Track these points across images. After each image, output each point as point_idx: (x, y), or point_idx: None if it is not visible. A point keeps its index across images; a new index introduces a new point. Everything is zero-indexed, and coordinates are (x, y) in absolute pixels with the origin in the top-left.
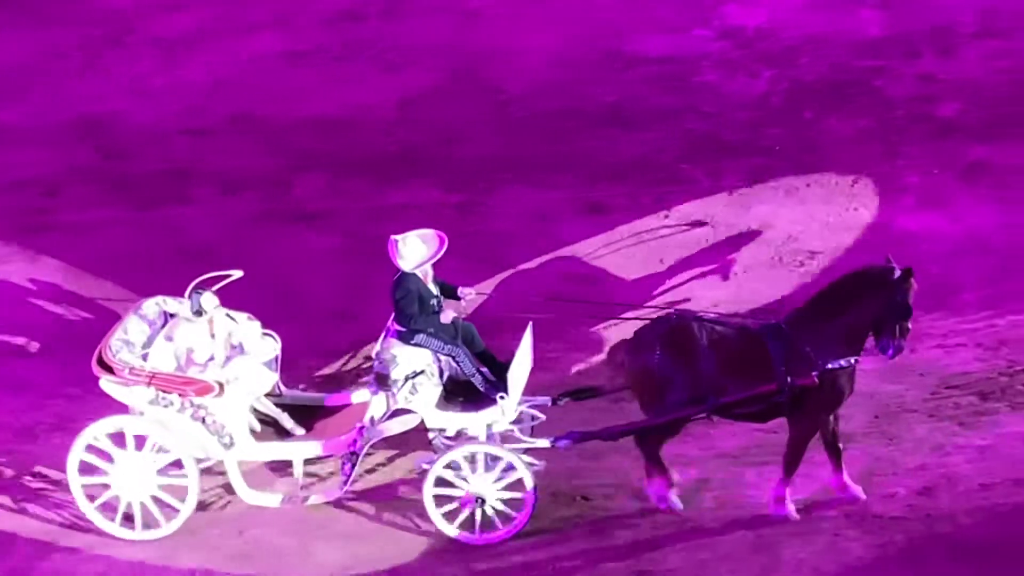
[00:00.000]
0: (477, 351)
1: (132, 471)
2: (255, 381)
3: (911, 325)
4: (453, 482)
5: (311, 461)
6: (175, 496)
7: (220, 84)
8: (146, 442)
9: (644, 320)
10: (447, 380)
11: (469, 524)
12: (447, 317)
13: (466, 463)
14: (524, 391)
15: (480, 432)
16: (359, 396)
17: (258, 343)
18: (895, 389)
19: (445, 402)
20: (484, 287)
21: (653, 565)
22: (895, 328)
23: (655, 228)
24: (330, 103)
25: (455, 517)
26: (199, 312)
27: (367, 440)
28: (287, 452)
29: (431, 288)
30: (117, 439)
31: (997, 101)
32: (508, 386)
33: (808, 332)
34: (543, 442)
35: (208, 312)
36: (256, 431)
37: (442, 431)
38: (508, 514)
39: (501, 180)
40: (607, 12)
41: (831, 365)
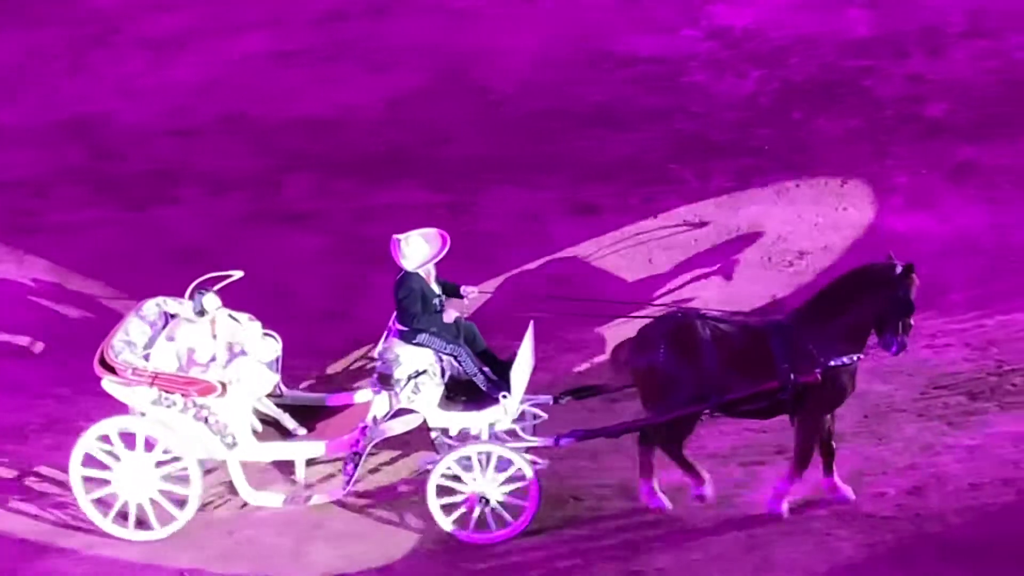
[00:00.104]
0: (479, 350)
1: (134, 471)
2: (257, 381)
3: (913, 322)
4: (457, 482)
5: (313, 461)
6: (177, 496)
7: (208, 84)
8: (148, 442)
9: (643, 319)
10: (448, 380)
11: (473, 523)
12: (450, 316)
13: (469, 463)
14: (525, 390)
15: (482, 431)
16: (361, 396)
17: (259, 343)
18: (884, 389)
19: (447, 401)
20: (484, 287)
21: (644, 565)
22: (898, 325)
23: (654, 229)
24: (318, 103)
25: (460, 517)
26: (201, 312)
27: (370, 440)
28: (290, 452)
29: (433, 287)
30: (119, 440)
31: (985, 101)
32: (511, 385)
33: (811, 329)
34: (545, 441)
35: (210, 312)
36: (258, 431)
37: (445, 431)
38: (511, 513)
39: (489, 180)
40: (595, 12)
41: (834, 362)
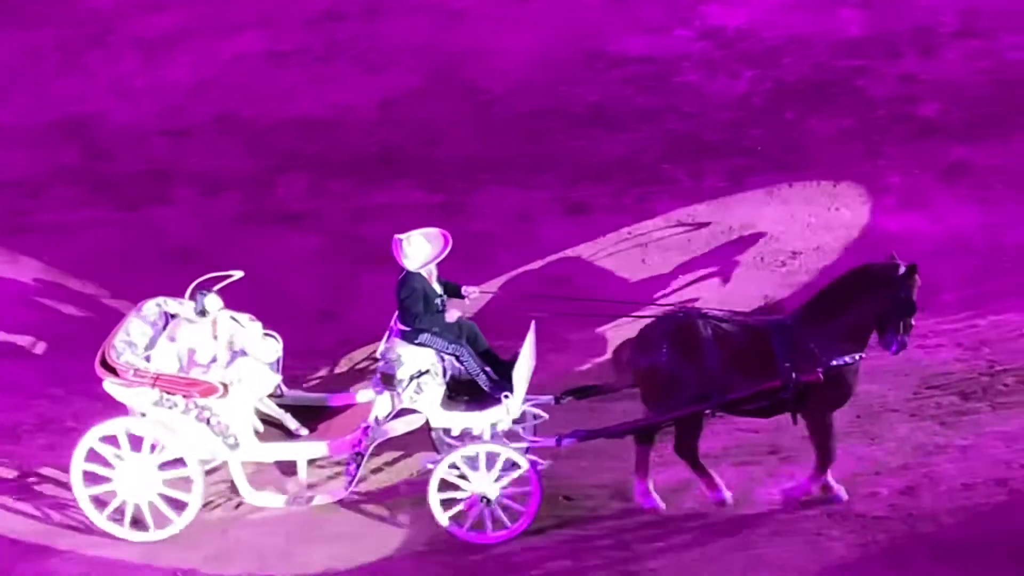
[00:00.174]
0: (480, 350)
1: (136, 472)
2: (258, 382)
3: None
4: (458, 482)
5: (315, 462)
6: (179, 497)
7: (202, 84)
8: (149, 443)
9: (641, 320)
10: (450, 380)
11: (474, 523)
12: (452, 316)
13: (471, 462)
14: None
15: (484, 431)
16: (363, 396)
17: (260, 344)
18: (877, 389)
19: (449, 401)
20: (484, 287)
21: (635, 565)
22: (899, 324)
23: (651, 230)
24: (312, 103)
25: (460, 517)
26: (203, 313)
27: (372, 440)
28: (292, 453)
29: (435, 287)
30: (120, 441)
31: (978, 101)
32: (512, 385)
33: (813, 329)
34: (547, 441)
35: (212, 313)
36: (259, 432)
37: (446, 431)
38: (512, 514)
39: (483, 180)
40: (588, 12)
41: (836, 362)
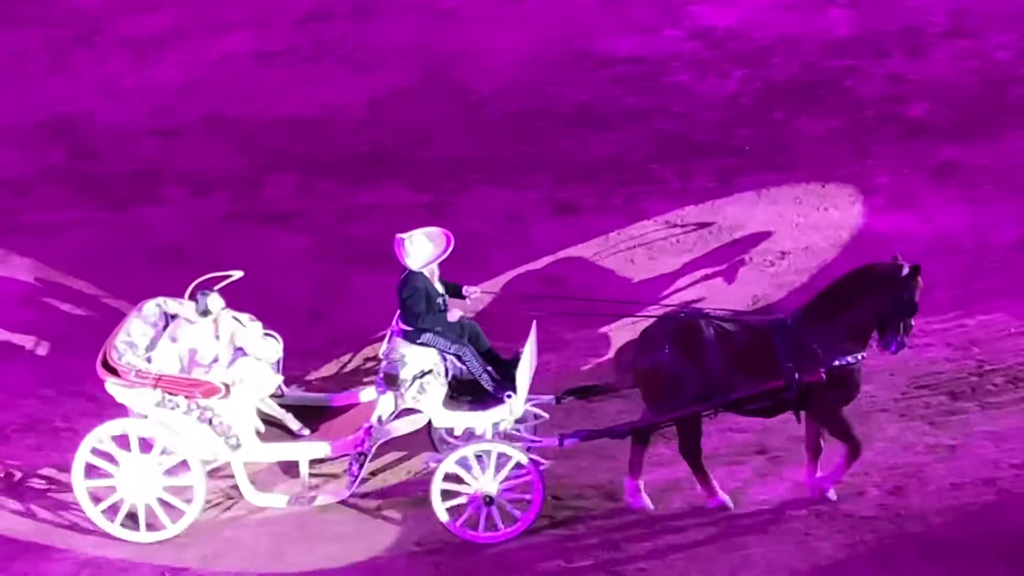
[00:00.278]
0: (482, 350)
1: (138, 473)
2: (260, 382)
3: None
4: (461, 481)
5: (317, 462)
6: (180, 498)
7: (190, 84)
8: (152, 444)
9: (636, 319)
10: (451, 379)
11: (476, 522)
12: (454, 316)
13: (473, 462)
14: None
15: (487, 431)
16: (366, 395)
17: (262, 344)
18: (866, 389)
19: (450, 401)
20: (483, 287)
21: (625, 565)
22: (899, 325)
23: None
24: (301, 103)
25: (462, 516)
26: (205, 312)
27: (375, 440)
28: (294, 453)
29: (437, 287)
30: (122, 441)
31: (967, 101)
32: (514, 385)
33: (814, 328)
34: (549, 440)
35: (214, 313)
36: (260, 432)
37: (449, 431)
38: (515, 512)
39: (472, 180)
40: (578, 12)
41: (838, 362)
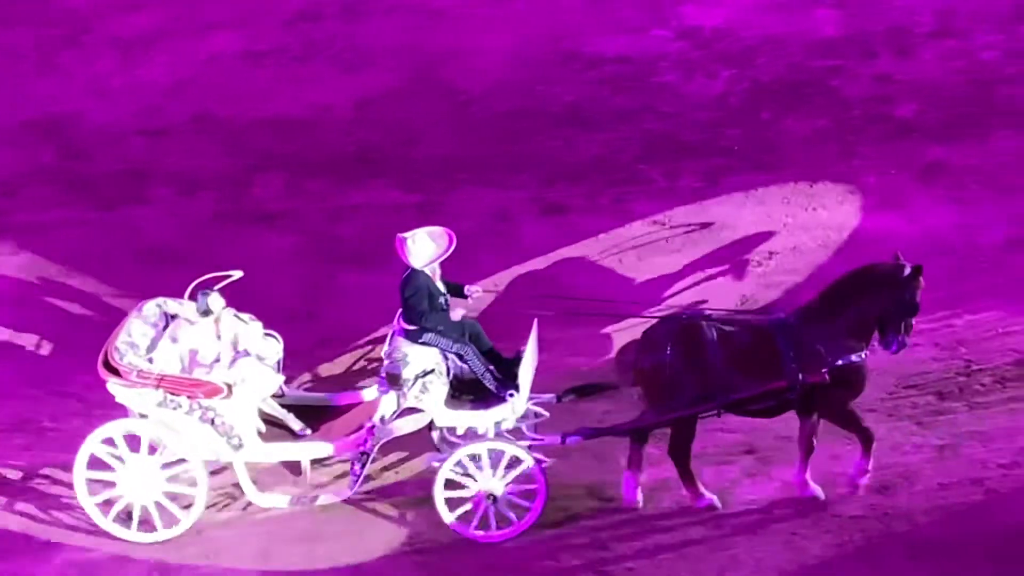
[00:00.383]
0: (483, 349)
1: (139, 474)
2: (262, 382)
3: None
4: (464, 480)
5: (319, 461)
6: (182, 498)
7: (179, 84)
8: (153, 445)
9: (630, 319)
10: (452, 378)
11: (480, 521)
12: (456, 315)
13: (476, 461)
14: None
15: (489, 430)
16: (369, 394)
17: (263, 344)
18: None
19: (452, 400)
20: (482, 284)
21: (614, 565)
22: (900, 325)
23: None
24: (290, 103)
25: (467, 515)
26: (206, 312)
27: (378, 440)
28: (297, 453)
29: (439, 286)
30: (122, 441)
31: (954, 102)
32: (516, 384)
33: (816, 328)
34: (552, 439)
35: (216, 312)
36: (262, 432)
37: (451, 430)
38: (517, 511)
39: (460, 180)
40: (566, 13)
41: (841, 361)
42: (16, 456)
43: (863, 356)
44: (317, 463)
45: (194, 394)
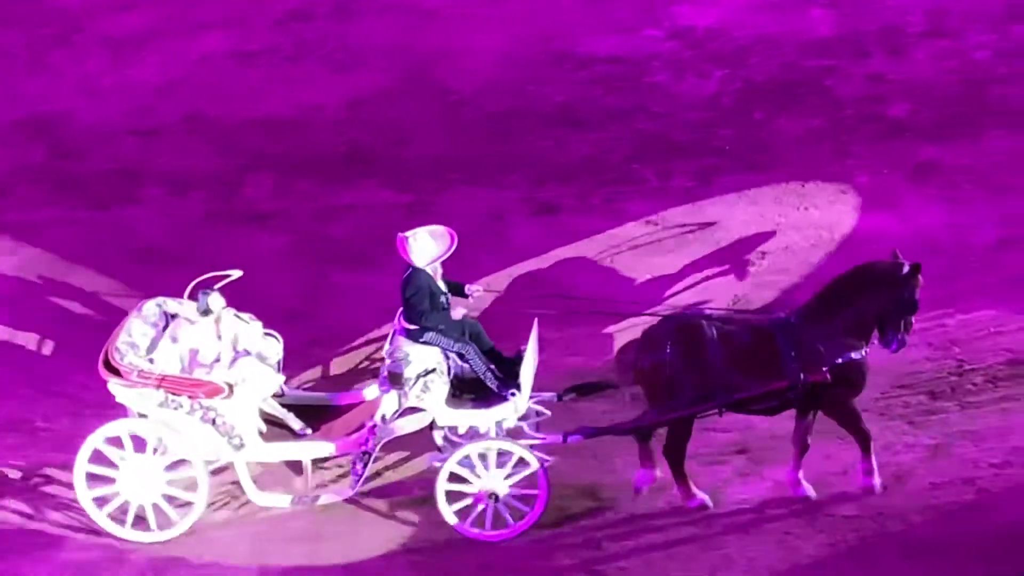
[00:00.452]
0: (484, 349)
1: (140, 474)
2: (263, 382)
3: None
4: (466, 478)
5: (320, 461)
6: (183, 498)
7: (170, 84)
8: (153, 445)
9: (635, 318)
10: (453, 378)
11: (481, 521)
12: (457, 313)
13: (478, 460)
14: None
15: (490, 429)
16: (370, 392)
17: (263, 343)
18: None
19: (453, 399)
20: (483, 284)
21: (606, 564)
22: (900, 323)
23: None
24: (280, 103)
25: (467, 514)
26: (206, 312)
27: (379, 439)
28: (298, 452)
29: (440, 285)
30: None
31: (946, 101)
32: (517, 383)
33: (816, 327)
34: (553, 438)
35: (216, 312)
36: (262, 432)
37: (452, 429)
38: (519, 510)
39: (451, 180)
40: (557, 12)
41: (841, 359)
42: (10, 456)
43: (863, 354)
44: (318, 463)
45: (195, 394)
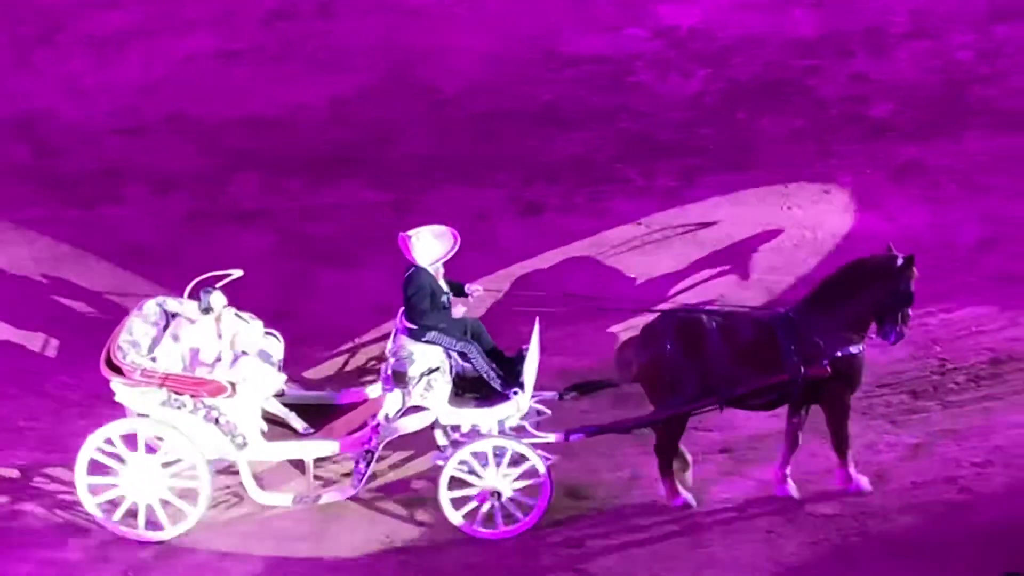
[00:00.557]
0: (486, 348)
1: (142, 473)
2: (265, 380)
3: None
4: (469, 478)
5: (321, 460)
6: (185, 497)
7: (154, 83)
8: (156, 444)
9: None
10: (454, 376)
11: (484, 519)
12: (458, 312)
13: (481, 458)
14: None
15: (492, 428)
16: (373, 391)
17: (264, 342)
18: None
19: (455, 398)
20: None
21: (589, 564)
22: (897, 315)
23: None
24: (265, 102)
25: (469, 512)
26: (207, 310)
27: (383, 438)
28: (301, 451)
29: (441, 284)
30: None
31: (929, 102)
32: (520, 381)
33: (816, 321)
34: (555, 436)
35: (216, 310)
36: (264, 431)
37: (455, 428)
38: (521, 509)
39: (436, 180)
40: (542, 12)
41: (840, 353)
42: None
43: (861, 348)
44: (319, 462)
45: (198, 393)
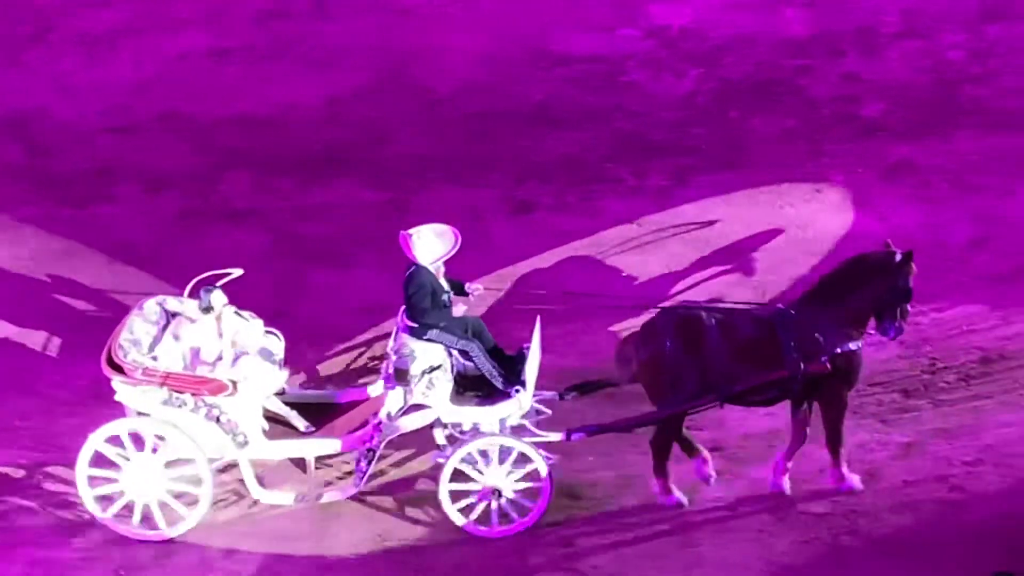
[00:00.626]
0: (487, 347)
1: (143, 472)
2: (266, 379)
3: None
4: (472, 473)
5: (322, 458)
6: (187, 496)
7: (145, 82)
8: (155, 443)
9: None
10: (455, 375)
11: (485, 517)
12: (459, 311)
13: (482, 457)
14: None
15: (494, 426)
16: (375, 389)
17: (265, 341)
18: None
19: (457, 397)
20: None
21: (578, 562)
22: (896, 311)
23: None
24: (257, 101)
25: (470, 511)
26: (208, 309)
27: (384, 436)
28: (303, 450)
29: (442, 283)
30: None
31: (920, 101)
32: (521, 380)
33: (815, 318)
34: (557, 435)
35: (217, 309)
36: (265, 430)
37: (456, 426)
38: (522, 507)
39: (429, 179)
40: (535, 12)
41: (840, 349)
42: None
43: (860, 344)
44: (321, 460)
45: (199, 391)
